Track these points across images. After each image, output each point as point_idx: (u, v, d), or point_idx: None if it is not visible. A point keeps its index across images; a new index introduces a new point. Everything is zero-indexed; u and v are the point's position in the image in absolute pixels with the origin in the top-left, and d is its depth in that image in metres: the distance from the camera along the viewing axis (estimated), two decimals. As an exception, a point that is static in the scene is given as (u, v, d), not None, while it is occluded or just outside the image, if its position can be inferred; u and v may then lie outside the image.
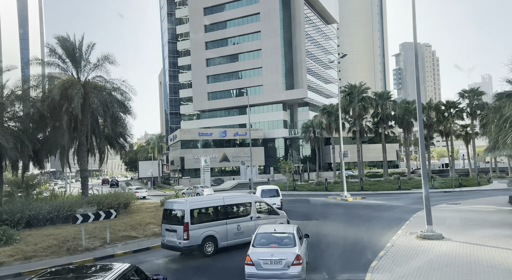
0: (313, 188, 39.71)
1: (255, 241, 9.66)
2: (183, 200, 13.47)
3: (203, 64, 79.31)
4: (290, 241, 9.41)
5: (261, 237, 9.74)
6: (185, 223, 12.24)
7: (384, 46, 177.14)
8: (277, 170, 72.61)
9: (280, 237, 9.66)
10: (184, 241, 12.16)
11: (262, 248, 9.36)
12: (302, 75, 73.32)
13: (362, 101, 41.96)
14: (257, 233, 9.98)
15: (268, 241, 9.55)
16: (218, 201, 13.70)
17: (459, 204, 22.92)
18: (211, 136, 68.61)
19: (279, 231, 9.99)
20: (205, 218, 13.04)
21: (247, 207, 14.06)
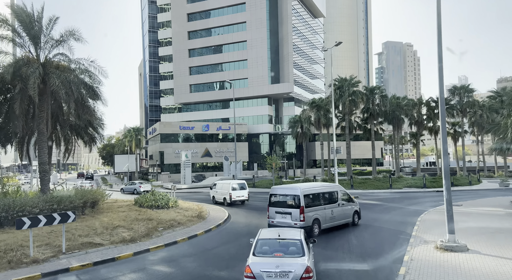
0: (300, 186, 37.53)
1: (256, 249, 8.15)
2: (296, 186, 15.02)
3: (185, 54, 75.85)
4: (297, 249, 7.97)
5: (263, 244, 8.25)
6: (301, 206, 13.99)
7: (369, 44, 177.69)
8: (261, 166, 70.38)
9: (285, 243, 8.19)
10: (300, 222, 13.83)
11: (265, 257, 7.89)
12: (288, 69, 71.13)
13: (352, 95, 40.11)
14: (258, 239, 8.47)
15: (271, 249, 8.08)
16: (320, 188, 15.74)
17: (461, 206, 21.21)
18: (193, 130, 65.58)
19: (284, 236, 8.45)
20: (311, 203, 14.61)
21: (336, 195, 15.99)
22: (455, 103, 43.58)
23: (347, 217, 16.14)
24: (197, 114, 76.45)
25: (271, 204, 15.03)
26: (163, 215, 18.87)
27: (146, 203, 21.26)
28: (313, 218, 14.29)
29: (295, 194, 14.36)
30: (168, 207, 21.23)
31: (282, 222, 14.21)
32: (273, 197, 15.15)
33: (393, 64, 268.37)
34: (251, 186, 40.31)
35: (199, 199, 30.94)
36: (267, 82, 70.41)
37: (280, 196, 15.07)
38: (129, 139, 59.46)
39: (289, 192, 14.74)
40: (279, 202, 14.89)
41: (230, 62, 73.61)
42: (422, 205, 23.04)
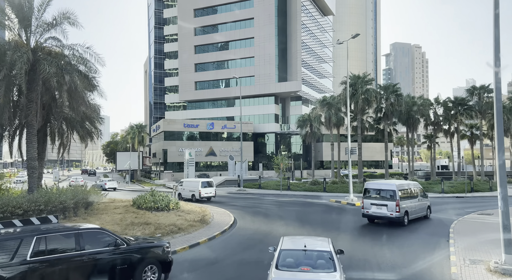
0: (309, 188, 35.65)
1: (279, 261, 6.99)
2: (391, 182, 17.72)
3: (191, 51, 74.12)
4: (327, 263, 6.83)
5: (286, 255, 7.11)
6: (396, 199, 16.11)
7: (377, 45, 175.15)
8: (266, 166, 68.47)
9: (313, 255, 7.06)
10: (396, 213, 16.01)
11: (290, 271, 6.73)
12: (297, 67, 69.13)
13: (365, 93, 38.01)
14: (281, 250, 7.29)
15: (297, 262, 6.94)
16: (406, 185, 17.87)
17: (491, 215, 19.10)
18: (197, 128, 63.81)
19: (311, 247, 7.27)
20: (402, 197, 16.51)
21: (416, 191, 18.09)
22: (473, 104, 41.29)
23: (424, 210, 18.47)
24: (202, 112, 74.73)
25: (366, 197, 17.33)
26: (163, 218, 17.02)
27: (145, 205, 19.43)
28: (404, 210, 16.46)
29: (391, 189, 16.55)
30: (169, 209, 19.38)
31: (377, 213, 16.64)
32: (368, 191, 17.55)
33: (400, 65, 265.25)
34: (257, 188, 38.43)
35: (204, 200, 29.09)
36: (274, 80, 68.47)
37: (375, 190, 17.38)
38: (132, 136, 57.86)
39: (385, 187, 17.05)
40: (374, 196, 17.13)
41: (237, 60, 71.79)
42: (446, 213, 20.98)
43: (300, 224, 16.71)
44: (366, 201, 17.12)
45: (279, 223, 18.08)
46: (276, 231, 15.13)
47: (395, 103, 39.14)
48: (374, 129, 44.10)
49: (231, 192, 35.30)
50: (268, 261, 11.11)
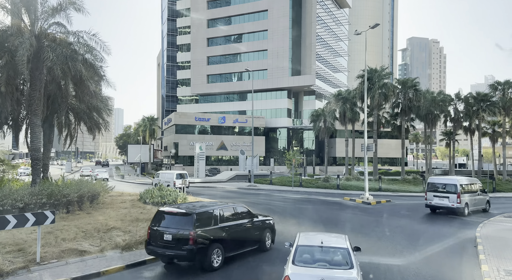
0: (321, 185, 34.55)
1: (295, 257, 7.06)
2: (454, 178, 20.06)
3: (203, 43, 73.30)
4: (344, 260, 6.92)
5: (303, 251, 7.18)
6: (458, 192, 18.48)
7: (393, 39, 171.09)
8: (277, 162, 67.52)
9: (330, 252, 7.15)
10: (457, 204, 18.44)
11: (307, 267, 6.81)
12: (311, 61, 67.56)
13: (382, 87, 36.52)
14: (297, 245, 7.38)
15: (313, 258, 7.06)
16: (466, 180, 20.10)
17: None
18: (209, 122, 63.17)
19: (328, 243, 7.33)
20: (463, 190, 18.92)
21: (476, 186, 20.25)
22: (497, 100, 39.28)
23: (483, 204, 20.56)
24: (213, 105, 74.04)
25: (429, 190, 19.81)
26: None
27: (152, 200, 18.76)
28: (465, 202, 18.77)
29: (453, 183, 19.00)
30: (176, 203, 18.62)
31: (439, 203, 19.27)
32: (431, 185, 19.93)
33: (417, 61, 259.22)
34: (268, 183, 37.54)
35: (212, 195, 28.39)
36: (288, 74, 67.13)
37: (438, 184, 19.78)
38: (143, 129, 57.57)
39: (448, 182, 19.48)
40: (437, 189, 19.59)
41: (249, 53, 70.64)
42: (468, 215, 19.70)
43: (314, 224, 15.73)
44: (429, 194, 19.76)
45: (291, 222, 17.15)
46: (288, 231, 14.21)
47: (413, 99, 37.52)
48: (391, 125, 42.53)
49: (241, 188, 34.51)
50: (280, 261, 10.27)
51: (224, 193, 29.82)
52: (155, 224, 9.86)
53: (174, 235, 9.31)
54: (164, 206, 10.99)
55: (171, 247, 9.33)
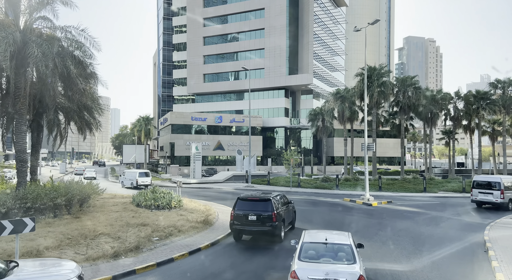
0: (320, 185, 33.88)
1: (301, 253, 7.53)
2: (497, 176, 21.74)
3: (199, 42, 72.48)
4: (347, 255, 7.34)
5: (308, 248, 7.65)
6: (501, 189, 20.62)
7: (390, 38, 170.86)
8: (275, 161, 66.85)
9: (334, 248, 7.58)
10: (500, 199, 20.59)
11: (312, 263, 7.26)
12: (308, 60, 66.92)
13: (381, 86, 35.91)
14: (303, 242, 7.83)
15: (318, 254, 7.49)
16: (507, 179, 22.07)
17: (527, 219, 17.14)
18: (205, 122, 62.36)
19: (332, 240, 7.80)
20: (506, 188, 20.89)
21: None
22: (497, 99, 38.78)
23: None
24: (210, 105, 73.25)
25: (474, 187, 21.83)
26: (162, 218, 15.52)
27: (145, 202, 17.96)
28: (508, 198, 20.77)
29: (497, 181, 20.93)
30: (170, 207, 17.88)
31: (484, 199, 21.29)
32: (476, 183, 21.86)
33: (414, 60, 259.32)
34: (265, 184, 36.80)
35: (208, 196, 27.62)
36: (285, 72, 66.48)
37: (482, 182, 21.66)
38: (139, 129, 56.66)
39: (491, 180, 21.34)
40: (481, 186, 21.53)
41: (246, 51, 69.95)
42: (473, 216, 19.07)
43: (315, 228, 14.99)
44: (474, 190, 21.86)
45: (290, 225, 16.39)
46: (288, 235, 13.49)
47: (412, 97, 36.93)
48: (390, 124, 41.95)
49: (238, 188, 33.76)
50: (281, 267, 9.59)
51: (221, 195, 29.05)
52: (238, 208, 12.85)
53: (258, 215, 12.34)
54: (243, 195, 13.76)
55: (257, 225, 12.35)
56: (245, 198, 13.16)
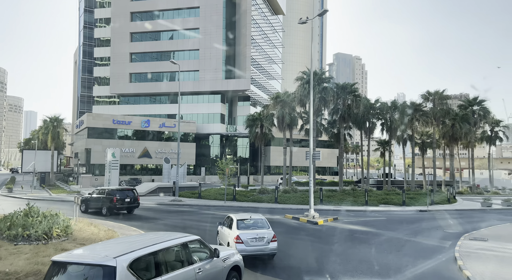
0: (258, 199, 30.31)
1: (238, 226, 11.56)
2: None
3: (126, 38, 65.32)
4: (265, 225, 11.92)
5: (241, 223, 11.73)
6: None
7: (323, 53, 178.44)
8: (209, 171, 62.21)
9: (257, 221, 11.98)
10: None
11: (246, 230, 11.44)
12: (246, 65, 64.00)
13: (322, 91, 33.93)
14: (237, 220, 11.81)
15: (248, 225, 11.69)
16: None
17: (486, 241, 15.25)
18: (130, 126, 55.47)
19: (254, 217, 12.18)
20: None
21: None
22: (428, 110, 39.46)
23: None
24: (137, 108, 66.15)
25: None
26: (17, 261, 10.06)
27: (7, 232, 12.26)
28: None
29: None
30: (50, 237, 12.44)
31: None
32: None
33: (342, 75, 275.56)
34: (196, 197, 32.07)
35: (124, 215, 22.14)
36: (221, 76, 62.66)
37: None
38: (44, 132, 47.71)
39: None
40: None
41: (179, 51, 64.75)
42: (430, 236, 16.87)
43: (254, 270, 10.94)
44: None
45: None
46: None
47: (352, 105, 35.61)
48: (328, 133, 40.35)
49: (162, 203, 28.58)
50: None
51: (137, 212, 23.71)
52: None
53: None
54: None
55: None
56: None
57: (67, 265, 5.56)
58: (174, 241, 6.64)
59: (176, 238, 6.83)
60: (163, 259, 6.09)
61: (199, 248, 7.24)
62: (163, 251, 6.15)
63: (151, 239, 6.68)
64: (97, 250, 6.16)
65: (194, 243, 7.15)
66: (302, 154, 57.78)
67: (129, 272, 5.36)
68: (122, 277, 5.22)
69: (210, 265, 7.08)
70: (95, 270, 5.36)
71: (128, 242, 6.55)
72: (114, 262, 5.31)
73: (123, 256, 5.49)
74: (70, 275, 5.48)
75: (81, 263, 5.53)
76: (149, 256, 5.87)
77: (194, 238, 7.23)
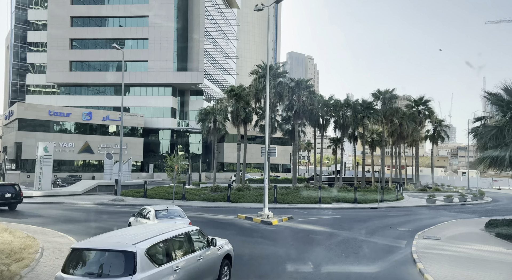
0: (209, 197, 28.65)
1: (156, 216, 12.60)
2: None
3: (65, 22, 59.64)
4: (181, 214, 13.37)
5: (159, 213, 12.93)
6: None
7: (277, 51, 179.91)
8: (159, 168, 59.08)
9: (173, 211, 13.40)
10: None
11: (164, 219, 12.43)
12: (198, 57, 61.60)
13: (278, 86, 33.03)
14: (155, 210, 12.96)
15: (165, 215, 12.96)
16: None
17: (439, 240, 15.10)
18: (69, 118, 50.78)
19: (170, 208, 13.63)
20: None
21: None
22: (379, 109, 40.37)
23: None
24: (79, 99, 60.88)
25: None
26: None
27: None
28: None
29: None
30: None
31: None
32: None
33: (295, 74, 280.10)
34: (141, 196, 29.56)
35: (50, 217, 19.31)
36: (172, 68, 59.65)
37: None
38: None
39: None
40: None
41: (127, 39, 60.53)
42: (385, 235, 16.45)
43: None
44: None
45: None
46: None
47: (307, 101, 35.13)
48: (282, 129, 39.70)
49: (102, 203, 25.80)
50: None
51: (72, 214, 20.92)
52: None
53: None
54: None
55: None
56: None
57: (87, 252, 6.09)
58: (180, 231, 7.39)
59: (181, 228, 7.71)
60: (172, 246, 6.79)
61: (198, 237, 7.89)
62: (172, 240, 6.87)
63: (160, 229, 7.28)
64: (114, 238, 6.65)
65: (195, 233, 7.83)
66: (256, 151, 57.06)
67: (146, 257, 5.90)
68: (141, 262, 5.74)
69: (208, 253, 7.83)
70: (116, 256, 5.88)
71: (141, 232, 6.96)
72: (134, 248, 5.82)
73: (140, 243, 6.04)
74: (90, 260, 6.03)
75: (103, 249, 6.04)
76: (161, 244, 6.49)
77: (195, 228, 8.05)
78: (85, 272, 5.80)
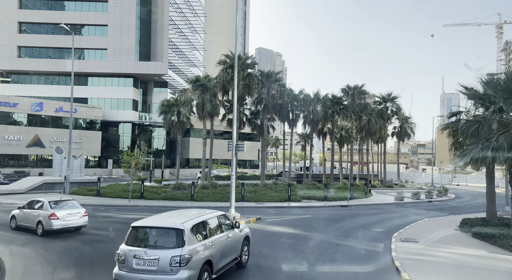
0: (170, 196, 26.46)
1: (50, 206, 13.67)
2: None
3: (13, 4, 54.17)
4: (75, 205, 14.41)
5: (53, 204, 13.86)
6: None
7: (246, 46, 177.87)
8: (118, 164, 55.33)
9: (67, 202, 14.43)
10: None
11: (60, 209, 13.71)
12: (162, 46, 58.37)
13: (247, 78, 31.26)
14: (48, 201, 13.91)
15: (60, 206, 13.92)
16: None
17: (417, 243, 14.12)
18: (16, 108, 46.12)
19: (64, 199, 14.70)
20: None
21: None
22: (348, 105, 39.78)
23: None
24: (30, 88, 55.73)
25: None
26: None
27: None
28: None
29: None
30: None
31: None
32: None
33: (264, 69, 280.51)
34: (94, 195, 26.76)
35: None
36: (134, 58, 56.09)
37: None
38: None
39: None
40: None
41: (84, 25, 56.06)
42: (360, 238, 15.28)
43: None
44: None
45: None
46: None
47: (277, 95, 33.68)
48: (251, 124, 38.05)
49: (47, 204, 22.77)
50: None
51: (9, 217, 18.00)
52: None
53: None
54: None
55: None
56: None
57: (145, 229, 7.91)
58: (212, 215, 9.01)
59: (211, 212, 9.23)
60: (207, 227, 8.44)
61: (224, 221, 9.37)
62: (207, 221, 8.54)
63: (195, 214, 8.88)
64: (163, 218, 8.46)
65: (221, 217, 9.28)
66: (223, 147, 54.98)
67: (191, 234, 7.59)
68: (188, 237, 7.42)
69: (233, 233, 9.37)
70: (169, 232, 7.59)
71: (182, 215, 8.64)
72: (183, 227, 7.52)
73: (186, 222, 7.77)
74: (147, 235, 7.82)
75: (158, 227, 7.84)
76: (200, 224, 8.16)
77: (222, 213, 9.55)
78: (144, 244, 7.49)
